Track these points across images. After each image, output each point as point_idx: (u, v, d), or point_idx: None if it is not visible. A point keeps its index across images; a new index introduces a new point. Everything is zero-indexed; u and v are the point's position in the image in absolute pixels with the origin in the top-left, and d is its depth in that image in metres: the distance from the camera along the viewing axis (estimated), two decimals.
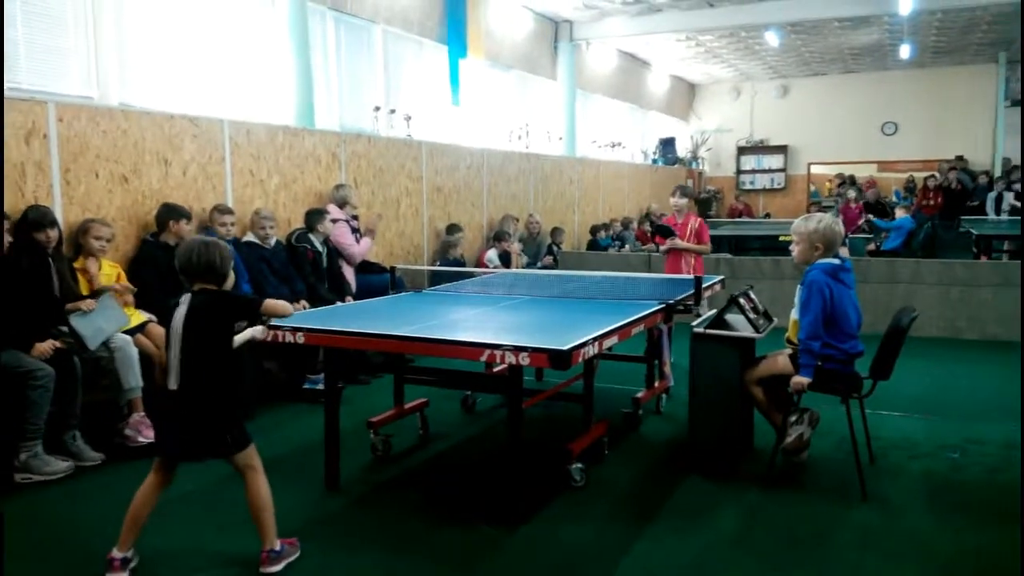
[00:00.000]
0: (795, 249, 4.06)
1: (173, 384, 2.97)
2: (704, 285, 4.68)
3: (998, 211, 13.30)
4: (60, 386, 4.04)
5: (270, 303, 3.10)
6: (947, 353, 6.96)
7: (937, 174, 14.75)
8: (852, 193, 13.15)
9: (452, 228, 8.53)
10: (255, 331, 3.26)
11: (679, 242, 6.35)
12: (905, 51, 14.84)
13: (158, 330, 4.76)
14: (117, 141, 5.17)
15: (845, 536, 3.43)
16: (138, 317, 4.81)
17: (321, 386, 5.33)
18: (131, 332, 4.62)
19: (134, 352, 4.48)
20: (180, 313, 2.98)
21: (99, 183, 5.07)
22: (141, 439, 4.40)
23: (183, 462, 3.10)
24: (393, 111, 8.64)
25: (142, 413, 4.47)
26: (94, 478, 4.09)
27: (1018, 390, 5.70)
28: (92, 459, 4.21)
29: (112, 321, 4.46)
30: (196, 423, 2.96)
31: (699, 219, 6.53)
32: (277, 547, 3.08)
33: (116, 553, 3.01)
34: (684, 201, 6.48)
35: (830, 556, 3.24)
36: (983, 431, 4.78)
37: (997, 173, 15.40)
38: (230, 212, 5.67)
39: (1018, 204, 12.95)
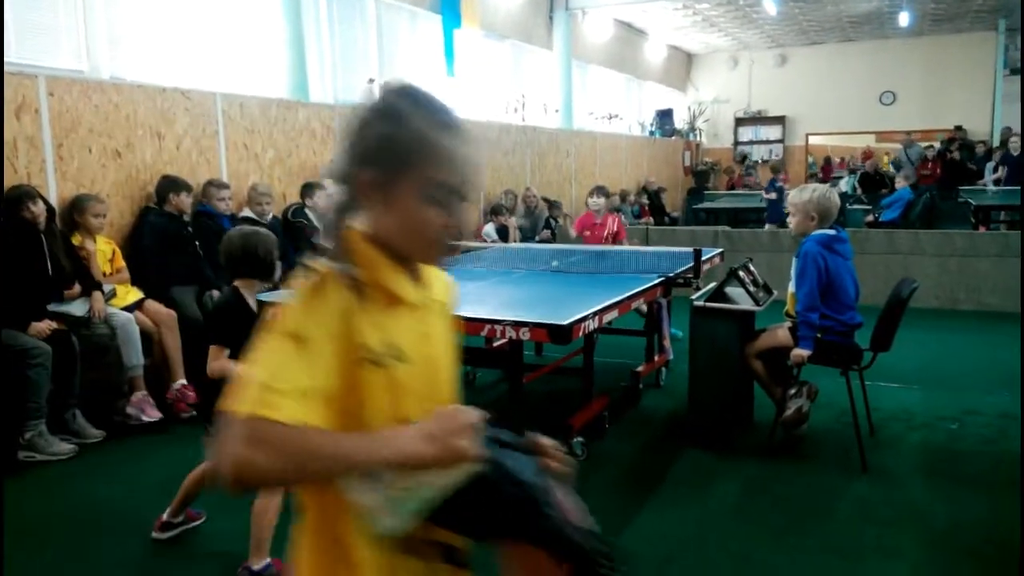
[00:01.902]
0: (792, 221, 4.05)
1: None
2: (703, 258, 4.66)
3: (996, 181, 13.25)
4: (58, 364, 4.03)
5: (210, 353, 2.77)
6: (945, 324, 6.97)
7: (936, 144, 14.70)
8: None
9: None
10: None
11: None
12: (904, 19, 14.69)
13: (154, 306, 4.74)
14: (109, 115, 5.10)
15: (845, 507, 3.45)
16: (134, 294, 4.79)
17: None
18: (129, 309, 4.60)
19: (135, 329, 4.47)
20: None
21: (92, 158, 5.01)
22: (144, 418, 4.40)
23: None
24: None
25: (144, 392, 4.47)
26: (96, 455, 4.10)
27: (1015, 361, 5.73)
28: (93, 436, 4.21)
29: None
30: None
31: (617, 218, 6.50)
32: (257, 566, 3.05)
33: (167, 517, 3.16)
34: (602, 201, 6.40)
35: (830, 527, 3.26)
36: (980, 402, 4.80)
37: (995, 142, 15.34)
38: (226, 187, 5.62)
39: (999, 177, 12.88)
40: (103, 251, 4.78)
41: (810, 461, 3.96)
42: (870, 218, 11.44)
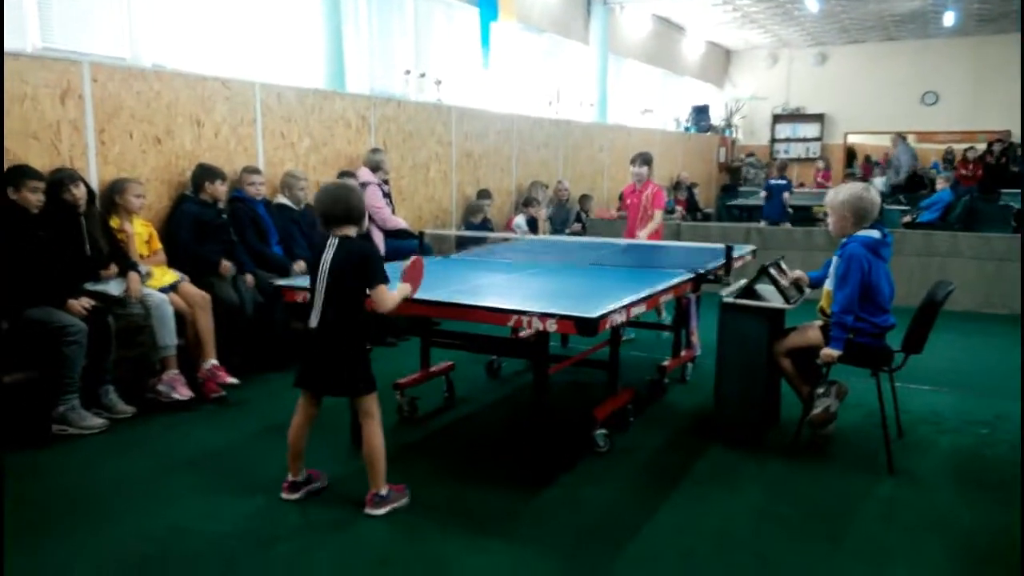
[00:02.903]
0: (830, 222, 4.01)
1: (314, 322, 3.17)
2: (735, 255, 4.63)
3: None
4: (94, 342, 4.12)
5: (384, 292, 3.18)
6: (979, 328, 6.85)
7: (977, 146, 14.40)
8: (821, 164, 15.52)
9: (482, 194, 8.52)
10: (405, 291, 3.34)
11: (642, 233, 6.17)
12: (949, 18, 14.38)
13: (190, 289, 4.83)
14: (151, 102, 5.21)
15: (869, 509, 3.42)
16: (171, 276, 4.89)
17: None
18: (164, 290, 4.70)
19: (170, 310, 4.56)
20: (327, 257, 3.15)
21: (133, 143, 5.12)
22: (176, 395, 4.50)
23: (321, 395, 3.32)
24: (423, 75, 8.60)
25: (176, 371, 4.56)
26: (126, 431, 4.20)
27: None
28: (124, 412, 4.32)
29: None
30: (332, 361, 3.18)
31: (657, 186, 6.37)
32: (383, 491, 3.26)
33: (289, 477, 3.37)
34: (644, 169, 6.26)
35: (853, 528, 3.24)
36: (1012, 408, 4.71)
37: None
38: (258, 172, 5.70)
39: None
40: (140, 233, 4.89)
41: (836, 461, 3.93)
42: (908, 219, 11.25)
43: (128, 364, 4.53)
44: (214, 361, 4.72)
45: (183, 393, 4.52)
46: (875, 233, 3.87)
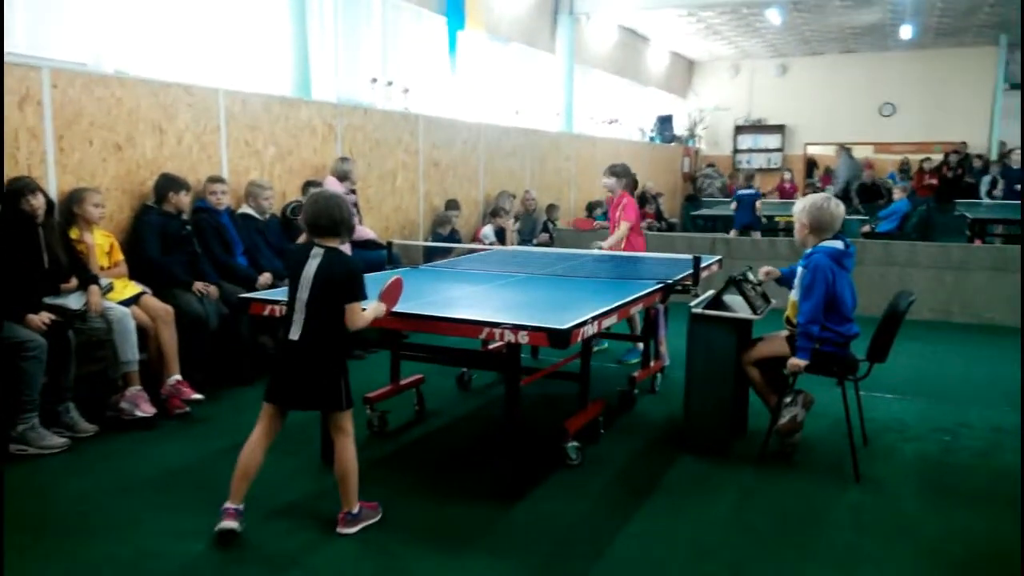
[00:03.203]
0: (795, 231, 4.08)
1: (295, 335, 3.08)
2: (702, 265, 4.67)
3: (991, 195, 13.30)
4: (53, 358, 4.01)
5: (356, 310, 3.12)
6: (940, 336, 7.00)
7: (933, 156, 14.79)
8: (787, 175, 15.96)
9: (450, 204, 8.49)
10: (378, 311, 3.28)
11: (601, 243, 6.07)
12: (906, 32, 14.74)
13: (152, 302, 4.73)
14: (112, 109, 5.10)
15: (838, 517, 3.46)
16: (132, 288, 4.78)
17: None
18: (126, 303, 4.59)
19: (132, 324, 4.45)
20: (311, 267, 3.08)
21: (93, 151, 5.01)
22: (139, 412, 4.38)
23: (293, 409, 3.21)
24: (390, 83, 8.56)
25: (139, 387, 4.45)
26: (88, 450, 4.08)
27: (1009, 374, 5.75)
28: (86, 430, 4.20)
29: None
30: (312, 374, 3.09)
31: (628, 199, 6.10)
32: (355, 510, 3.19)
33: (230, 504, 3.11)
34: (612, 180, 6.11)
35: (823, 536, 3.27)
36: (974, 415, 4.82)
37: (993, 156, 15.40)
38: (221, 181, 5.61)
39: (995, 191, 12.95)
40: (101, 244, 4.77)
41: (804, 470, 3.97)
42: (866, 228, 11.47)
43: (89, 380, 4.41)
44: (178, 376, 4.62)
45: (146, 410, 4.40)
46: (838, 244, 3.93)
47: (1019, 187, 12.34)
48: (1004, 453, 4.21)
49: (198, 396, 4.62)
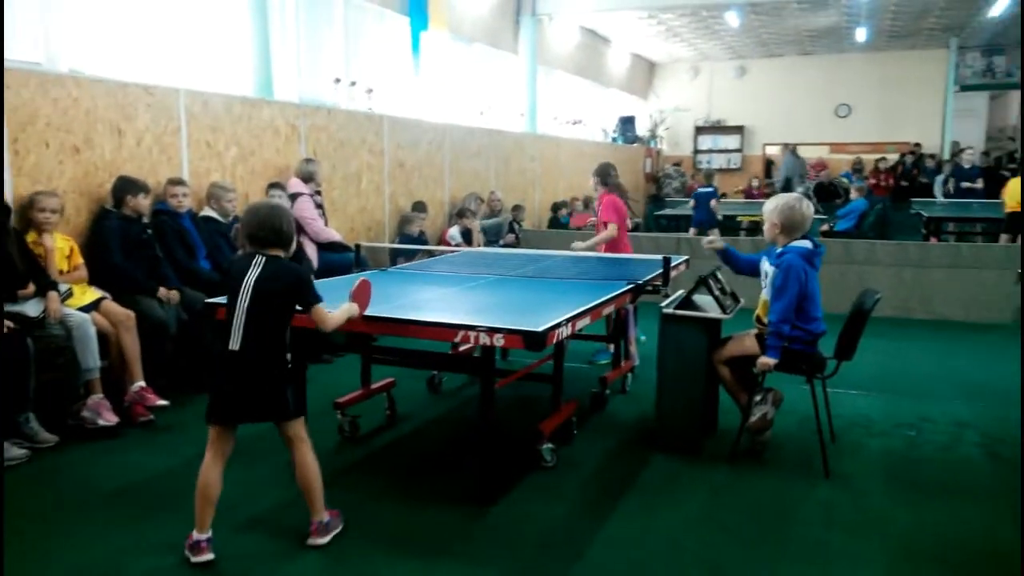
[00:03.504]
0: (765, 229, 4.12)
1: (235, 345, 2.94)
2: (671, 265, 4.70)
3: (946, 194, 13.65)
4: (12, 366, 3.88)
5: (322, 312, 3.09)
6: (900, 332, 7.14)
7: (888, 156, 15.14)
8: (755, 182, 16.01)
9: (417, 206, 8.43)
10: (352, 311, 3.24)
11: (578, 244, 5.99)
12: (861, 34, 15.07)
13: (113, 307, 4.61)
14: (68, 110, 4.96)
15: (809, 512, 3.50)
16: (92, 294, 4.65)
17: None
18: (86, 309, 4.46)
19: (92, 331, 4.32)
20: (252, 276, 2.97)
21: (49, 153, 4.86)
22: (101, 421, 4.26)
23: (240, 423, 3.07)
24: (354, 83, 8.47)
25: (101, 395, 4.33)
26: (50, 460, 3.96)
27: (965, 368, 5.91)
28: (47, 441, 4.07)
29: None
30: (256, 384, 2.97)
31: (610, 196, 6.08)
32: (326, 518, 3.12)
33: (197, 535, 2.98)
34: (593, 181, 6.19)
35: (795, 532, 3.31)
36: (936, 409, 4.93)
37: (946, 156, 15.80)
38: (182, 183, 5.49)
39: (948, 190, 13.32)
40: (61, 248, 4.64)
41: (775, 467, 4.02)
42: (825, 227, 11.66)
43: (49, 389, 4.27)
44: (141, 383, 4.51)
45: (109, 419, 4.28)
46: (807, 244, 3.98)
47: (966, 184, 12.73)
48: (965, 446, 4.31)
49: (163, 402, 4.53)
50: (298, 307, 3.07)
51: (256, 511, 3.42)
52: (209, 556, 2.96)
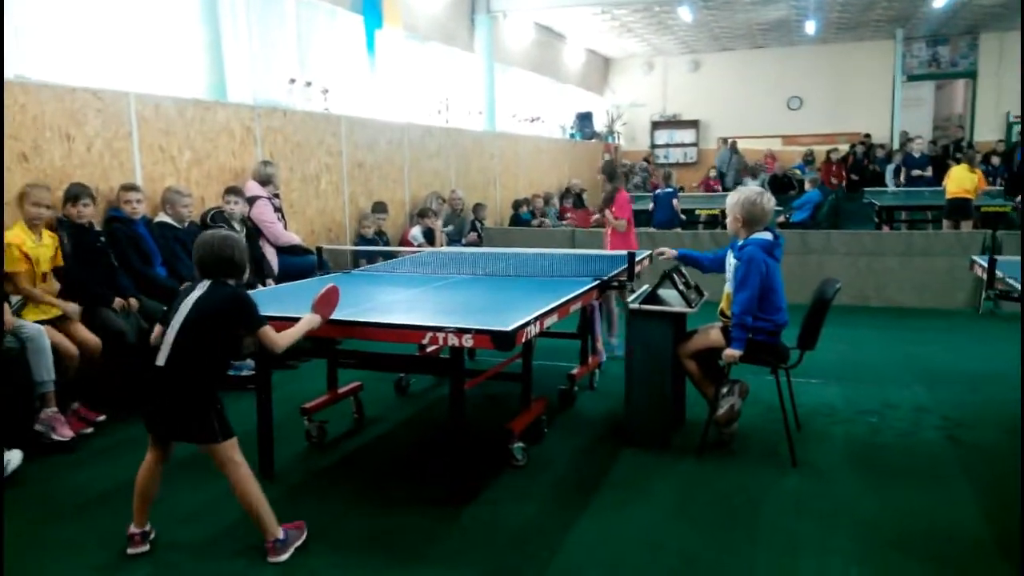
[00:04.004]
0: (727, 222, 4.16)
1: (161, 360, 2.92)
2: (636, 260, 4.72)
3: (896, 183, 13.97)
4: None
5: (270, 334, 3.05)
6: (857, 320, 7.28)
7: (840, 147, 15.44)
8: (712, 172, 15.90)
9: (377, 207, 8.35)
10: (312, 323, 3.22)
11: (609, 216, 6.18)
12: (810, 27, 15.32)
13: (83, 333, 4.49)
14: (15, 116, 4.80)
15: (778, 501, 3.55)
16: (55, 311, 4.50)
17: (246, 372, 5.16)
18: (53, 322, 4.33)
19: (47, 343, 4.19)
20: (192, 296, 2.98)
21: None
22: (55, 436, 4.14)
23: (167, 440, 3.07)
24: (309, 83, 8.35)
25: (55, 409, 4.21)
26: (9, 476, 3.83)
27: (922, 354, 6.04)
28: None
29: None
30: (179, 404, 2.94)
31: (622, 193, 6.27)
32: (281, 535, 3.04)
33: (134, 529, 3.08)
34: (600, 179, 6.40)
35: (765, 522, 3.35)
36: (896, 395, 5.03)
37: (895, 145, 16.16)
38: (135, 189, 5.35)
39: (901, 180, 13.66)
40: (47, 247, 4.52)
41: (743, 457, 4.06)
42: (781, 219, 11.85)
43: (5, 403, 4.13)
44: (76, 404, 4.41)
45: (63, 433, 4.17)
46: (768, 235, 4.03)
47: (916, 173, 13.04)
48: (926, 431, 4.41)
49: (101, 417, 4.50)
50: (245, 331, 3.05)
51: (222, 524, 3.35)
52: (143, 548, 3.05)
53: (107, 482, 3.81)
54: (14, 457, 3.81)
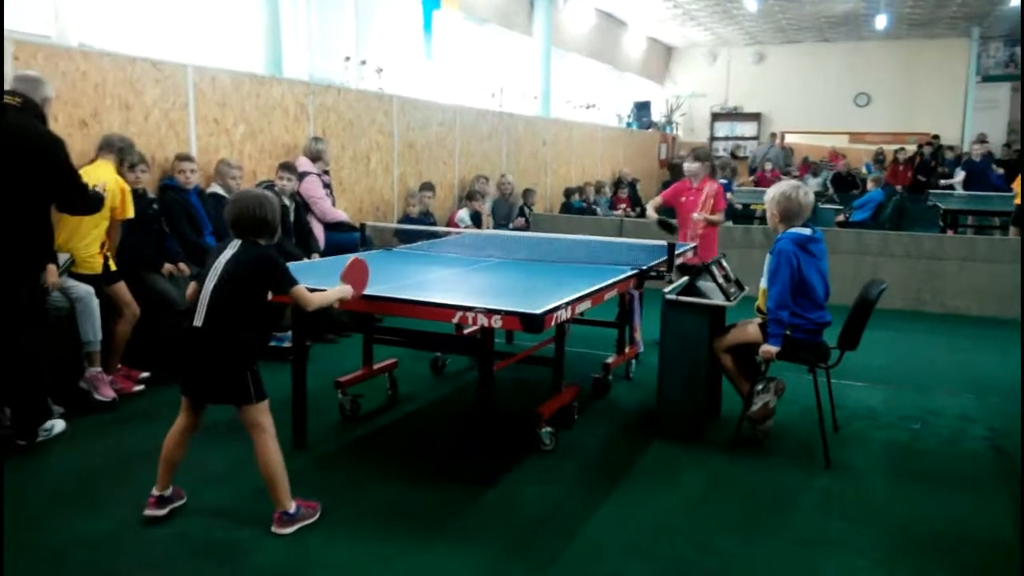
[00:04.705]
0: (768, 218, 4.08)
1: (198, 321, 2.96)
2: (676, 252, 4.65)
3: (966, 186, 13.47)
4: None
5: (303, 292, 3.09)
6: (910, 325, 7.07)
7: (907, 147, 14.95)
8: (768, 164, 15.22)
9: (424, 187, 8.40)
10: (344, 292, 3.24)
11: (706, 216, 5.82)
12: (881, 21, 14.84)
13: (122, 292, 4.62)
14: (76, 83, 4.95)
15: (807, 501, 3.48)
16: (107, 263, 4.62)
17: (287, 344, 5.25)
18: (95, 279, 4.45)
19: (95, 303, 4.33)
20: (224, 256, 3.00)
21: (57, 127, 4.80)
22: (97, 396, 4.29)
23: (204, 403, 3.12)
24: (364, 62, 8.43)
25: (99, 368, 4.35)
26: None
27: (975, 362, 5.84)
28: (53, 412, 4.09)
29: None
30: (216, 364, 2.99)
31: (716, 183, 5.94)
32: (291, 509, 3.06)
33: (154, 491, 3.11)
34: (697, 165, 5.87)
35: (792, 520, 3.29)
36: (942, 403, 4.87)
37: (965, 148, 15.59)
38: (190, 159, 5.48)
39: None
40: (112, 192, 4.52)
41: (775, 456, 3.99)
42: (841, 218, 11.55)
43: (54, 362, 4.28)
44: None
45: (105, 393, 4.31)
46: (805, 231, 3.94)
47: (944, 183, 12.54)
48: (970, 440, 4.26)
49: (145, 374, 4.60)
50: (276, 292, 3.09)
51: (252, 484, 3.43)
52: (154, 512, 3.08)
53: (146, 442, 3.92)
54: (57, 425, 3.93)
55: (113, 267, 4.59)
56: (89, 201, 3.98)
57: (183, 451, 3.14)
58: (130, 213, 4.59)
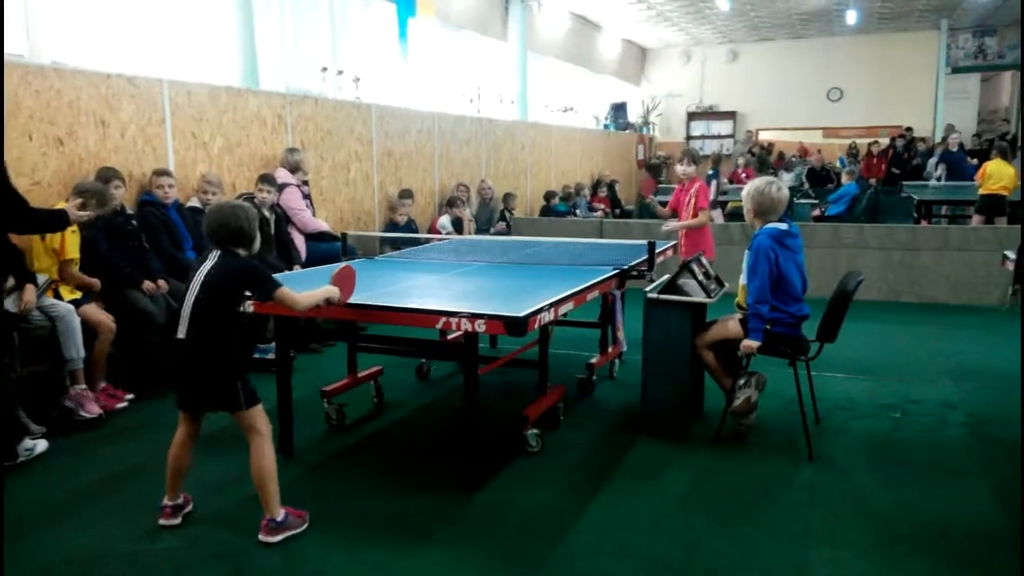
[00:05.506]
0: (744, 214, 4.15)
1: (181, 333, 3.00)
2: (656, 251, 4.70)
3: (939, 177, 13.65)
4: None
5: (288, 294, 3.11)
6: (888, 316, 7.17)
7: (880, 140, 15.13)
8: (741, 161, 15.36)
9: (403, 194, 8.42)
10: (330, 293, 3.25)
11: (671, 223, 6.01)
12: (851, 16, 15.02)
13: (94, 312, 4.59)
14: (51, 101, 4.93)
15: (792, 494, 3.53)
16: (77, 293, 4.62)
17: (271, 355, 5.25)
18: (76, 303, 4.44)
19: (76, 322, 4.32)
20: (204, 268, 3.04)
21: (33, 146, 4.84)
22: (83, 413, 4.27)
23: (200, 412, 3.17)
24: (341, 72, 8.43)
25: (84, 386, 4.34)
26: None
27: (952, 350, 5.93)
28: (33, 432, 4.07)
29: None
30: (202, 373, 3.03)
31: (700, 184, 5.99)
32: (279, 517, 3.09)
33: (166, 501, 3.19)
34: (692, 168, 5.96)
35: (777, 514, 3.33)
36: (922, 391, 4.95)
37: (937, 139, 15.81)
38: (167, 174, 5.48)
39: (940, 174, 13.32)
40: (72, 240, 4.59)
41: (758, 449, 4.04)
42: (817, 212, 11.68)
43: (36, 381, 4.26)
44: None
45: (91, 410, 4.30)
46: (781, 225, 4.01)
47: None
48: (951, 427, 4.34)
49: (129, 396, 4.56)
50: (260, 298, 3.15)
51: (239, 497, 3.44)
52: (169, 521, 3.16)
53: (132, 458, 3.92)
54: (39, 445, 3.91)
55: (72, 295, 4.57)
56: (38, 220, 3.98)
57: (189, 459, 3.20)
58: (71, 255, 4.58)
